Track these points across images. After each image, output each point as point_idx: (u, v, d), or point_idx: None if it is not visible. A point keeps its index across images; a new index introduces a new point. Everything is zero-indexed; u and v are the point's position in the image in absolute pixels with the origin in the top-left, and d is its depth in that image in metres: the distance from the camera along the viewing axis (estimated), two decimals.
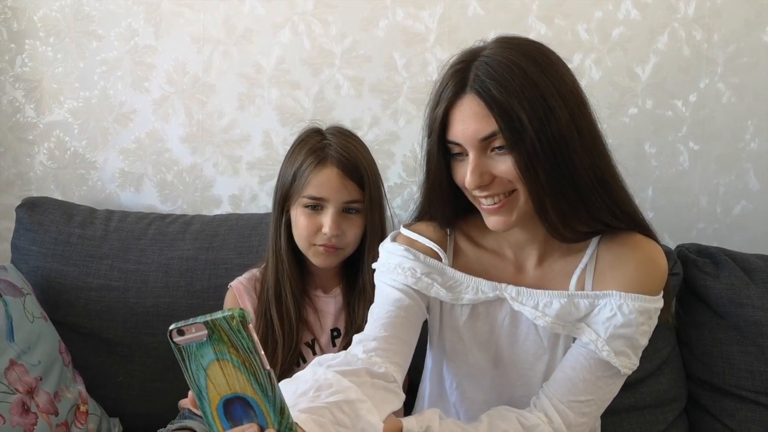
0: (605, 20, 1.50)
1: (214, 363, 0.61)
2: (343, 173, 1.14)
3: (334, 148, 1.15)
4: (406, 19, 1.52)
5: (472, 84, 0.89)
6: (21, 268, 1.43)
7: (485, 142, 0.90)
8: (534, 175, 0.89)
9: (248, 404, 0.62)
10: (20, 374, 1.20)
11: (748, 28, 1.50)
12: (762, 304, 1.32)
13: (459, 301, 1.01)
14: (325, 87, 1.55)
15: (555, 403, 0.95)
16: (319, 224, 1.15)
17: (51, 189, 1.63)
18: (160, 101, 1.59)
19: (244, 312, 0.60)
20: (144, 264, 1.41)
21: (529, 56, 0.89)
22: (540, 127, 0.87)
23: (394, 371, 0.91)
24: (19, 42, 1.59)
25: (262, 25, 1.55)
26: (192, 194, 1.62)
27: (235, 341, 0.60)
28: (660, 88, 1.52)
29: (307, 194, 1.15)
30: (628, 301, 0.94)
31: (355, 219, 1.17)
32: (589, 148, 0.91)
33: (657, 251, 0.99)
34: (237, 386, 0.61)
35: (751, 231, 1.55)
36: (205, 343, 0.60)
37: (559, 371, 0.98)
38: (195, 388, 0.62)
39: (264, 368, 0.60)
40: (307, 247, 1.18)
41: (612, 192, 0.95)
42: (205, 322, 0.60)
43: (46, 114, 1.61)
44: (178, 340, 0.61)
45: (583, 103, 0.93)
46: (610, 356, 0.94)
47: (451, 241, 1.05)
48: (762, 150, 1.53)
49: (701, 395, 1.37)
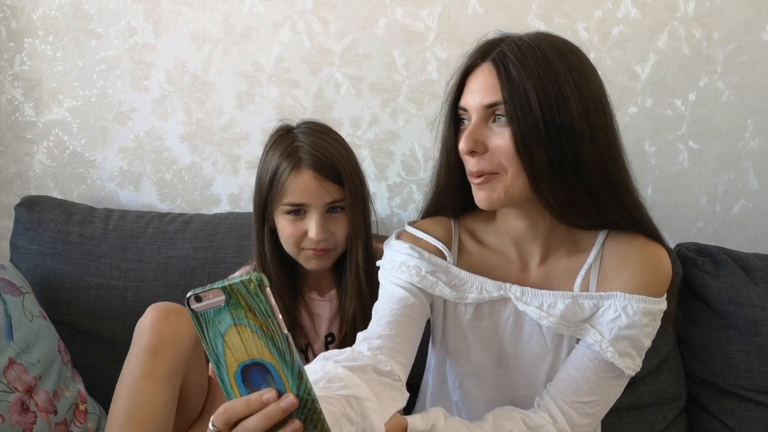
0: (605, 19, 1.50)
1: (231, 329, 0.61)
2: (320, 175, 1.09)
3: (306, 150, 1.10)
4: (406, 17, 1.52)
5: (493, 55, 0.93)
6: (20, 266, 1.43)
7: (488, 110, 0.92)
8: (530, 152, 0.89)
9: (266, 370, 0.61)
10: (19, 373, 1.20)
11: (747, 26, 1.49)
12: (761, 303, 1.32)
13: (463, 300, 1.01)
14: (324, 86, 1.55)
15: (559, 403, 0.96)
16: (304, 229, 1.11)
17: (50, 188, 1.63)
18: (160, 100, 1.58)
19: (261, 276, 0.60)
20: (143, 263, 1.41)
21: (558, 49, 0.92)
22: (548, 109, 0.88)
23: (398, 370, 0.91)
24: (18, 41, 1.59)
25: (262, 23, 1.55)
26: (191, 193, 1.61)
27: (252, 305, 0.60)
28: (659, 87, 1.52)
29: (287, 202, 1.10)
30: (632, 302, 0.94)
31: (341, 217, 1.14)
32: (601, 148, 0.92)
33: (662, 254, 0.99)
34: (255, 351, 0.61)
35: (750, 230, 1.55)
36: (223, 308, 0.60)
37: (563, 372, 0.98)
38: (213, 356, 0.62)
39: (282, 332, 0.60)
40: (297, 252, 1.15)
41: (621, 196, 0.95)
42: (223, 287, 0.59)
43: (45, 113, 1.61)
44: (195, 307, 0.61)
45: (603, 108, 0.93)
46: (614, 357, 0.94)
47: (455, 239, 1.05)
48: (761, 149, 1.53)
49: (701, 394, 1.37)
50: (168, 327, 1.04)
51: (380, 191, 1.58)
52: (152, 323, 1.05)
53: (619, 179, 0.95)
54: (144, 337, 1.04)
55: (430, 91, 1.53)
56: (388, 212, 1.58)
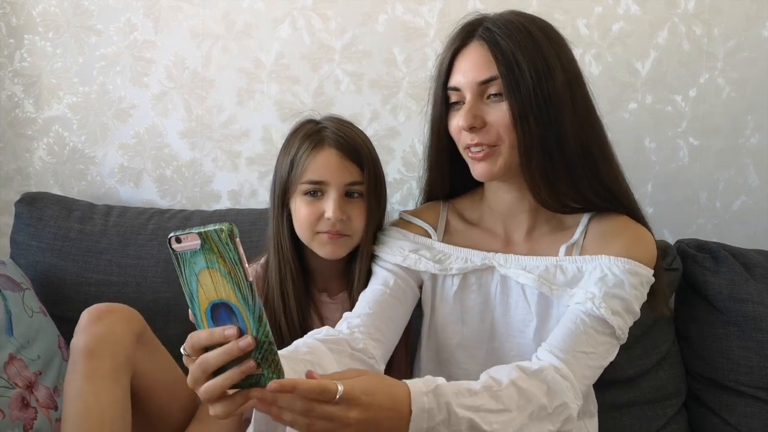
0: (605, 15, 1.50)
1: (204, 270, 0.67)
2: (341, 154, 1.09)
3: (330, 131, 1.11)
4: (406, 14, 1.52)
5: (480, 33, 0.97)
6: (20, 263, 1.43)
7: (483, 86, 0.96)
8: (525, 125, 0.93)
9: (231, 310, 0.68)
10: (19, 369, 1.20)
11: (748, 23, 1.49)
12: (761, 299, 1.32)
13: (448, 271, 1.05)
14: (324, 82, 1.55)
15: (557, 353, 0.91)
16: (321, 210, 1.09)
17: (50, 184, 1.63)
18: (160, 96, 1.58)
19: (232, 226, 0.65)
20: (143, 259, 1.41)
21: (536, 23, 0.98)
22: (538, 80, 0.92)
23: (373, 347, 0.95)
24: (18, 37, 1.59)
25: (262, 20, 1.54)
26: (191, 189, 1.61)
27: (223, 252, 0.65)
28: (660, 83, 1.52)
29: (307, 179, 1.09)
30: (617, 263, 0.96)
31: (359, 204, 1.11)
32: (580, 116, 0.96)
33: (644, 231, 1.02)
34: (223, 293, 0.67)
35: (750, 226, 1.55)
36: (198, 252, 0.66)
37: (559, 327, 0.95)
38: (188, 292, 0.69)
39: (247, 280, 0.66)
40: (311, 237, 1.11)
41: (596, 165, 0.98)
42: (199, 233, 0.66)
43: (45, 109, 1.61)
44: (175, 247, 0.67)
45: (580, 78, 0.99)
46: (607, 313, 0.93)
47: (442, 220, 1.10)
48: (762, 145, 1.53)
49: (700, 390, 1.37)
50: (102, 327, 1.04)
51: None
52: (86, 326, 1.04)
53: (596, 147, 0.98)
54: (79, 340, 1.03)
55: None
56: (389, 209, 1.57)
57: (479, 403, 0.80)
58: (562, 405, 0.86)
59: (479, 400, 0.81)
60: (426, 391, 0.77)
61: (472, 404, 0.80)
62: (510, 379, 0.85)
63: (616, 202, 1.01)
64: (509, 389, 0.83)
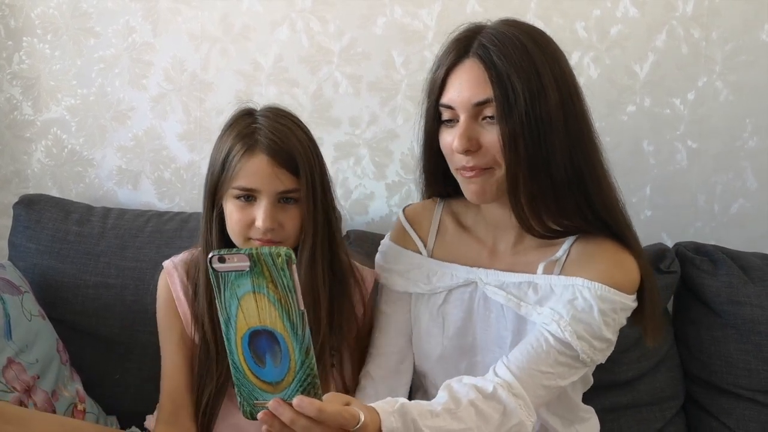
0: (603, 18, 1.50)
1: (249, 294, 0.63)
2: (274, 161, 1.02)
3: (263, 133, 1.03)
4: (405, 16, 1.52)
5: (475, 50, 0.94)
6: (18, 265, 1.42)
7: (478, 108, 0.93)
8: (515, 151, 0.91)
9: (275, 339, 0.64)
10: (18, 372, 1.20)
11: (746, 26, 1.49)
12: (760, 302, 1.32)
13: (436, 290, 1.07)
14: (323, 85, 1.55)
15: (513, 369, 0.92)
16: (252, 217, 1.03)
17: (48, 186, 1.62)
18: (158, 99, 1.58)
19: (290, 251, 0.62)
20: (141, 261, 1.41)
21: (531, 35, 0.94)
22: (531, 103, 0.90)
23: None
24: (17, 39, 1.59)
25: (260, 22, 1.54)
26: (190, 192, 1.61)
27: (276, 278, 0.62)
28: (658, 86, 1.52)
29: (237, 185, 1.03)
30: (590, 287, 0.94)
31: (293, 209, 1.05)
32: (573, 137, 0.93)
33: (626, 257, 0.98)
34: (268, 320, 0.64)
35: (748, 229, 1.55)
36: (245, 274, 0.63)
37: (522, 344, 0.96)
38: (224, 315, 0.65)
39: (299, 308, 0.63)
40: (242, 242, 1.07)
41: (586, 190, 0.95)
42: (250, 254, 0.63)
43: (44, 111, 1.60)
44: (217, 267, 0.64)
45: (576, 92, 0.95)
46: (572, 337, 0.92)
47: (435, 224, 1.12)
48: (760, 148, 1.53)
49: (699, 393, 1.37)
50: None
51: (379, 190, 1.58)
52: None
53: (588, 170, 0.95)
54: None
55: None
56: (387, 211, 1.58)
57: (441, 424, 0.83)
58: (518, 424, 0.89)
59: (441, 422, 0.83)
60: (392, 411, 0.79)
61: (434, 425, 0.82)
62: (468, 400, 0.87)
63: (604, 227, 0.99)
64: (468, 410, 0.86)
